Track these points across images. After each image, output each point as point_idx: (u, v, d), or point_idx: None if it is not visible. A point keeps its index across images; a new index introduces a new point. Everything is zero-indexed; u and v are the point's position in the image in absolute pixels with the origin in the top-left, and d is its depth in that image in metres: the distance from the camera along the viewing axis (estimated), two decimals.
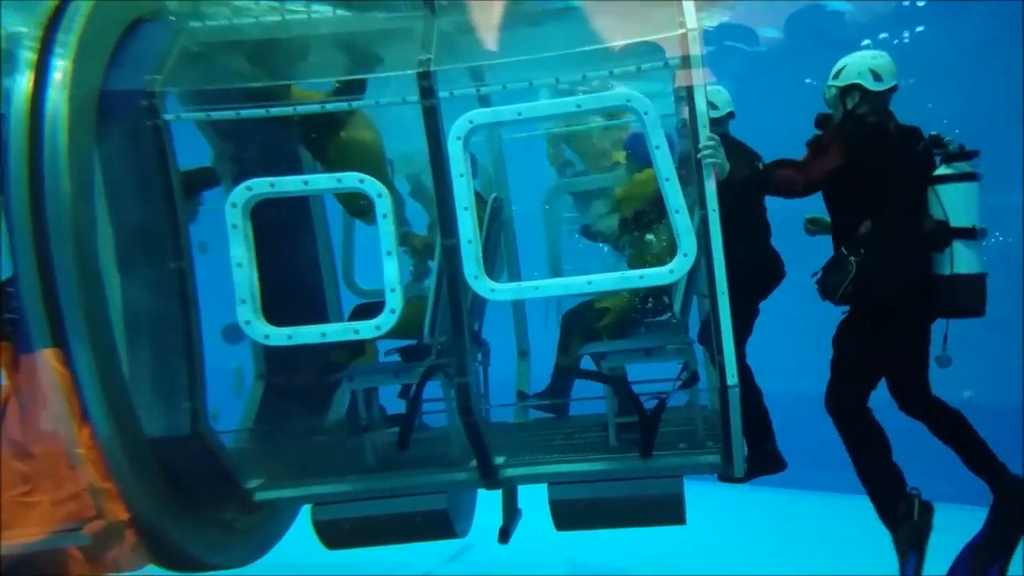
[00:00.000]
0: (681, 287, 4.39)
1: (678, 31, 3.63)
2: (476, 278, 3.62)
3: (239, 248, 3.57)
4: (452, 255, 3.74)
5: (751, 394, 4.15)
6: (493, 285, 3.68)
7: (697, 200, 3.66)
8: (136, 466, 3.75)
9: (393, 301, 3.59)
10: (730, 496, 5.08)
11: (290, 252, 5.22)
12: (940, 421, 3.98)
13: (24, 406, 3.84)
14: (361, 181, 3.65)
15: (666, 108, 4.36)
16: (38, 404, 3.80)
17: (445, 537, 4.27)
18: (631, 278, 3.78)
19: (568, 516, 4.06)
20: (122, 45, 3.94)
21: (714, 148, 3.63)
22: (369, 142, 5.00)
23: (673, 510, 3.98)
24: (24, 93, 3.61)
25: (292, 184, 3.81)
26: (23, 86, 3.62)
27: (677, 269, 3.57)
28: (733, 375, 3.60)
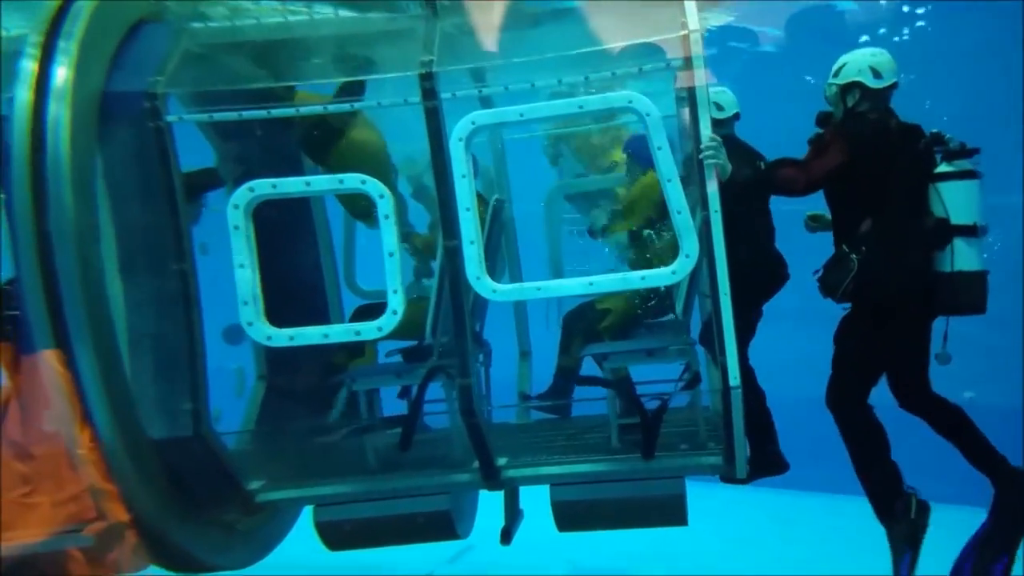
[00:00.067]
0: (683, 288, 4.39)
1: (680, 32, 3.63)
2: (478, 279, 3.62)
3: (241, 249, 3.56)
4: (454, 256, 3.74)
5: (754, 396, 4.15)
6: (495, 286, 3.67)
7: (699, 201, 3.66)
8: (138, 467, 3.74)
9: (395, 302, 3.59)
10: (731, 497, 5.08)
11: (291, 253, 5.22)
12: (940, 417, 3.98)
13: (25, 407, 3.84)
14: (363, 182, 3.65)
15: (669, 109, 4.35)
16: (39, 405, 3.80)
17: (447, 538, 4.27)
18: (633, 279, 3.78)
19: (570, 517, 4.06)
20: (124, 47, 3.94)
21: (715, 149, 3.63)
22: (372, 147, 4.99)
23: (675, 511, 3.98)
24: (26, 95, 3.61)
25: (294, 185, 3.80)
26: (25, 88, 3.62)
27: (679, 270, 3.57)
28: (735, 376, 3.60)
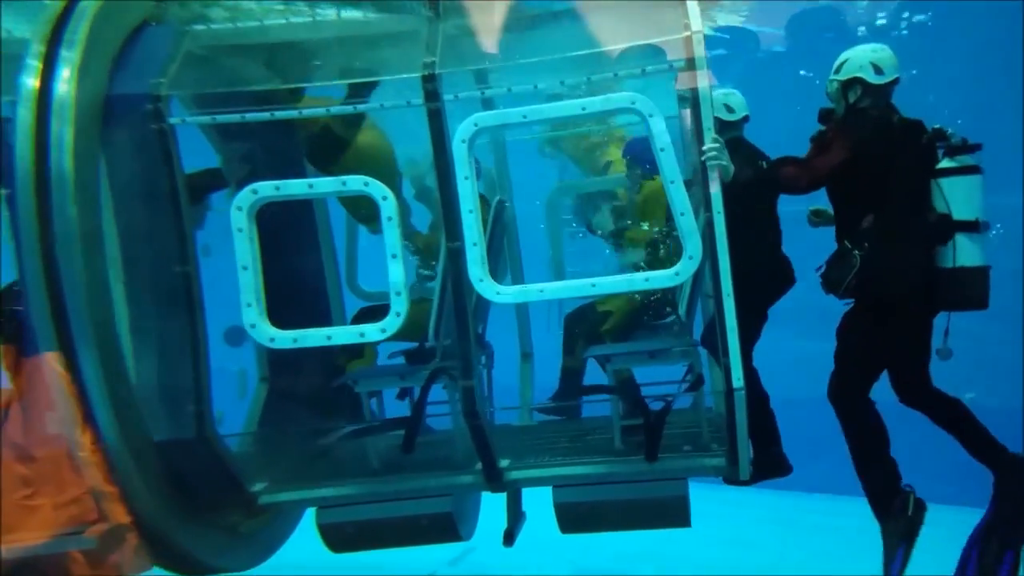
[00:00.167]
0: (686, 290, 4.39)
1: (683, 33, 3.63)
2: (481, 280, 3.62)
3: (244, 251, 3.56)
4: (457, 257, 3.73)
5: (757, 398, 4.14)
6: (498, 287, 3.67)
7: (702, 202, 3.66)
8: (142, 469, 3.74)
9: (398, 304, 3.59)
10: (731, 498, 5.08)
11: (293, 255, 5.20)
12: (941, 411, 3.99)
13: (27, 410, 3.84)
14: (366, 184, 3.65)
15: (672, 110, 4.35)
16: (41, 408, 3.80)
17: (450, 540, 4.27)
18: (636, 280, 3.78)
19: (573, 519, 4.06)
20: (127, 49, 3.94)
21: (718, 150, 3.63)
22: (379, 152, 4.98)
23: (678, 513, 3.98)
24: (30, 98, 3.62)
25: (297, 187, 3.80)
26: (29, 91, 3.62)
27: (682, 271, 3.57)
28: (739, 378, 3.60)
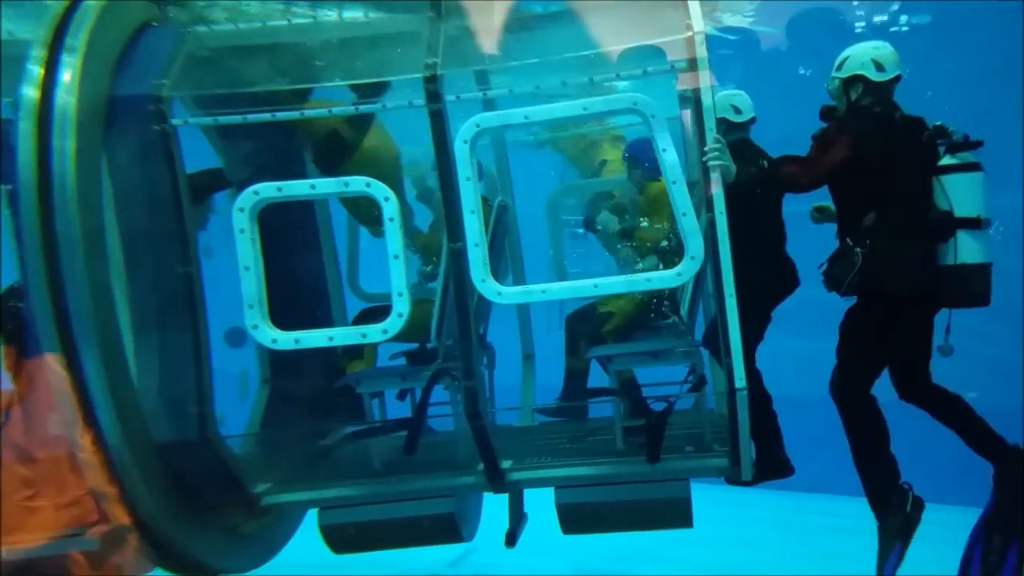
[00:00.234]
0: (688, 290, 4.39)
1: (685, 34, 3.63)
2: (483, 281, 3.63)
3: (246, 252, 3.56)
4: (459, 258, 3.73)
5: (760, 399, 4.14)
6: (500, 288, 3.68)
7: (704, 202, 3.66)
8: (144, 471, 3.74)
9: (400, 305, 3.59)
10: (732, 498, 5.08)
11: (294, 256, 5.21)
12: (941, 406, 3.99)
13: (28, 411, 3.84)
14: (368, 185, 3.65)
15: (674, 111, 4.35)
16: (42, 409, 3.80)
17: (452, 541, 4.26)
18: (638, 281, 3.78)
19: (575, 520, 4.05)
20: (128, 50, 3.94)
21: (720, 150, 3.63)
22: (384, 155, 4.97)
23: (680, 513, 3.97)
24: (32, 99, 3.61)
25: (299, 188, 3.80)
26: (31, 92, 3.62)
27: (684, 272, 3.58)
28: (741, 378, 3.60)
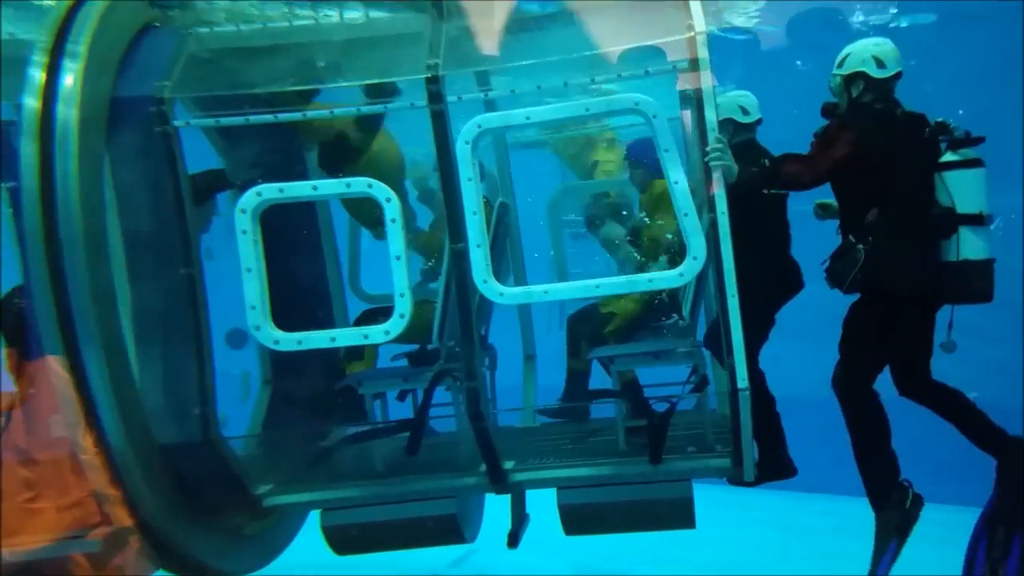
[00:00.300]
0: (690, 291, 4.39)
1: (686, 34, 3.63)
2: (485, 282, 3.62)
3: (249, 253, 3.56)
4: (461, 259, 3.73)
5: (764, 400, 4.14)
6: (502, 289, 3.68)
7: (706, 202, 3.66)
8: (147, 472, 3.74)
9: (402, 306, 3.59)
10: (733, 499, 5.08)
11: (296, 258, 5.20)
12: (942, 402, 3.98)
13: (29, 413, 3.83)
14: (369, 186, 3.65)
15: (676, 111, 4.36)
16: (44, 410, 3.80)
17: (454, 542, 4.26)
18: (640, 281, 3.77)
19: (577, 521, 4.05)
20: (131, 52, 3.94)
21: (722, 151, 3.63)
22: (389, 158, 4.97)
23: (683, 514, 3.97)
24: (35, 101, 3.61)
25: (301, 189, 3.80)
26: (34, 94, 3.62)
27: (687, 272, 3.58)
28: (743, 378, 3.59)
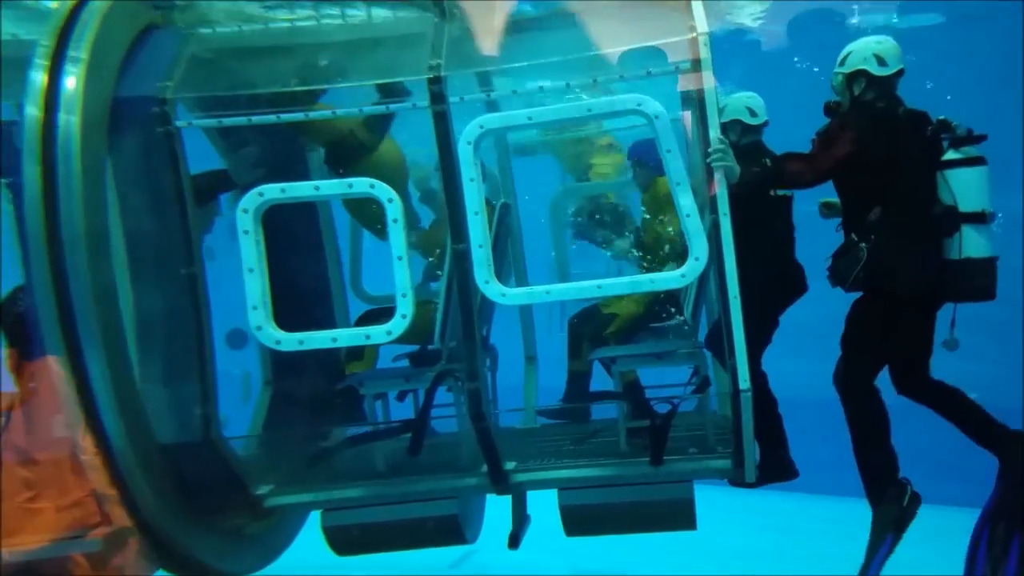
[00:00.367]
0: (692, 291, 4.39)
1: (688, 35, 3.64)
2: (487, 283, 3.62)
3: (251, 254, 3.56)
4: (462, 260, 3.73)
5: (766, 401, 4.14)
6: (504, 290, 3.68)
7: (708, 203, 3.66)
8: (148, 472, 3.74)
9: (404, 306, 3.59)
10: (733, 499, 5.08)
11: (297, 259, 5.21)
12: (941, 400, 3.98)
13: (29, 412, 3.83)
14: (372, 187, 3.65)
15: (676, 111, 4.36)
16: (44, 410, 3.80)
17: (455, 543, 4.26)
18: (642, 282, 3.77)
19: (578, 522, 4.05)
20: (133, 53, 3.94)
21: (724, 151, 3.63)
22: (393, 162, 4.97)
23: (684, 515, 3.97)
24: (37, 102, 3.61)
25: (303, 190, 3.80)
26: (36, 94, 3.62)
27: (689, 273, 3.57)
28: (745, 379, 3.59)
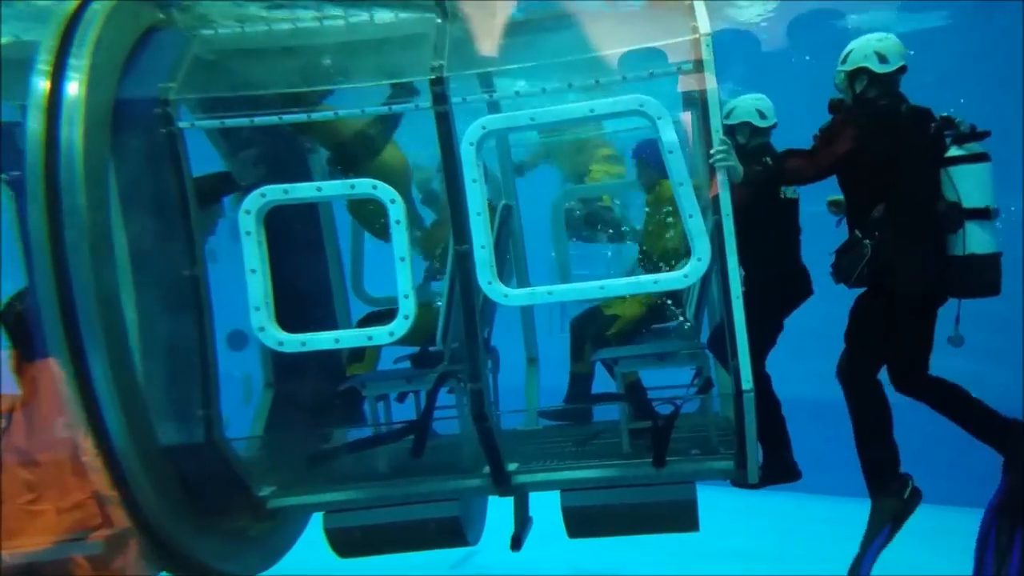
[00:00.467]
0: (695, 292, 4.39)
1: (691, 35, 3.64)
2: (490, 283, 3.62)
3: (253, 255, 3.56)
4: (465, 261, 3.73)
5: (769, 403, 4.14)
6: (506, 290, 3.68)
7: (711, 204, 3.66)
8: (150, 474, 3.73)
9: (407, 307, 3.59)
10: (736, 501, 5.08)
11: (299, 260, 5.20)
12: (940, 397, 3.97)
13: (30, 414, 3.83)
14: (374, 187, 3.65)
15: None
16: (45, 412, 3.80)
17: (457, 545, 4.25)
18: (645, 283, 3.77)
19: (580, 523, 4.04)
20: (135, 54, 3.94)
21: (726, 152, 3.63)
22: (396, 165, 4.97)
23: (686, 517, 3.96)
24: (40, 103, 3.61)
25: (305, 191, 3.80)
26: (39, 96, 3.62)
27: (691, 274, 3.57)
28: (748, 380, 3.58)
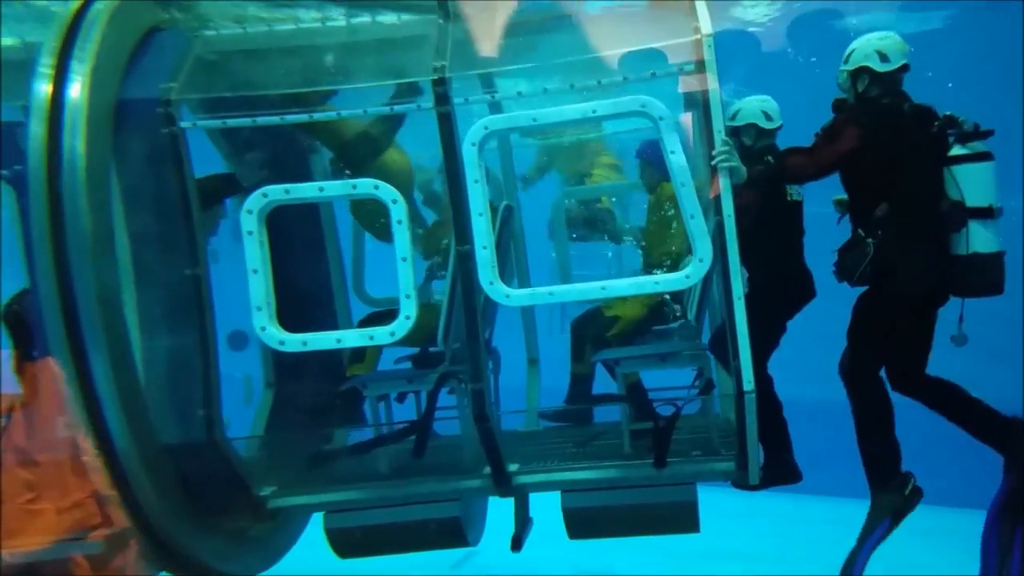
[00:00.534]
0: (696, 293, 4.39)
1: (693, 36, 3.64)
2: (491, 284, 3.62)
3: (254, 255, 3.56)
4: (466, 261, 3.73)
5: (771, 405, 4.15)
6: (508, 291, 3.68)
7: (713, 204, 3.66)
8: (151, 474, 3.73)
9: (408, 307, 3.59)
10: (736, 502, 5.08)
11: (300, 261, 5.20)
12: (938, 396, 3.97)
13: (30, 413, 3.83)
14: (376, 188, 3.66)
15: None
16: (45, 411, 3.80)
17: (458, 545, 4.25)
18: (647, 283, 3.77)
19: (581, 524, 4.04)
20: (137, 54, 3.94)
21: (728, 152, 3.63)
22: (398, 167, 4.98)
23: (687, 518, 3.96)
24: (43, 104, 3.61)
25: (307, 191, 3.80)
26: (41, 97, 3.62)
27: (693, 274, 3.57)
28: (749, 381, 3.58)
